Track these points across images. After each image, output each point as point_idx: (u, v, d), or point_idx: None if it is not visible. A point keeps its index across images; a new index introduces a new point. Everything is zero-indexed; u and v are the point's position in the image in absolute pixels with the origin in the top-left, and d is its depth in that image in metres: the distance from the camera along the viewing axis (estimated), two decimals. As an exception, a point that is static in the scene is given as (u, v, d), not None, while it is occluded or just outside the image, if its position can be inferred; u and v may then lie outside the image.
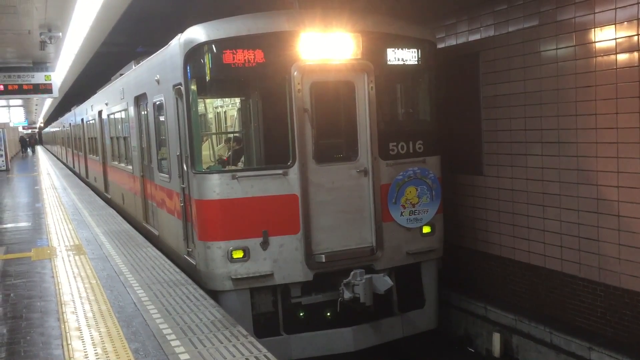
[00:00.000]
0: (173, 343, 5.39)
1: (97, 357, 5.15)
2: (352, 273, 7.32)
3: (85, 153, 22.46)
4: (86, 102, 21.15)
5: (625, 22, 6.66)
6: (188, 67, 7.37)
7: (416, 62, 8.08)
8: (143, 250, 9.50)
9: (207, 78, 7.40)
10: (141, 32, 16.75)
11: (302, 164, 7.38)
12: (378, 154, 7.72)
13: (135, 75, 11.27)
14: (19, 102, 32.18)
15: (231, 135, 8.17)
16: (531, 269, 8.27)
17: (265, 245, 7.29)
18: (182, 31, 7.66)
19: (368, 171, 7.69)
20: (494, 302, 8.82)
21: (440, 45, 9.40)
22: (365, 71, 7.65)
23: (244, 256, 7.25)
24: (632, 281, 6.86)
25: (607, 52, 6.89)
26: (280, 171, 7.33)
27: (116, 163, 14.67)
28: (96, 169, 19.07)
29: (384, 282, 7.37)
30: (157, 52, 9.11)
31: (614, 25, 6.79)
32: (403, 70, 8.09)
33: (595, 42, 7.04)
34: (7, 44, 14.10)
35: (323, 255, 7.46)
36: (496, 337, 8.36)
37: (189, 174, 7.59)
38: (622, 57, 6.72)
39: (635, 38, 6.56)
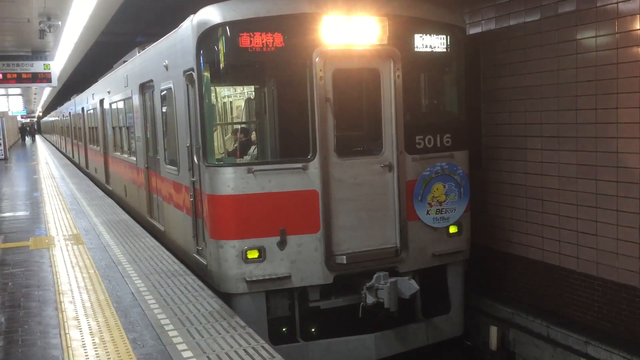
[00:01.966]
0: (171, 333, 5.40)
1: (95, 346, 5.16)
2: (375, 276, 6.84)
3: (86, 143, 22.12)
4: (87, 90, 20.79)
5: (628, 17, 6.63)
6: (201, 51, 6.84)
7: (445, 50, 7.57)
8: (141, 240, 9.50)
9: (222, 63, 6.80)
10: (141, 22, 16.71)
11: (323, 157, 6.87)
12: (404, 147, 7.24)
13: (141, 61, 10.73)
14: (17, 91, 32.11)
15: (238, 127, 7.76)
16: (530, 263, 8.28)
17: (282, 244, 6.80)
18: (184, 18, 7.36)
19: (393, 166, 7.21)
20: (491, 295, 8.80)
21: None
22: (392, 58, 7.14)
23: (259, 256, 6.74)
24: (629, 276, 6.86)
25: (608, 46, 6.86)
26: (299, 165, 6.81)
27: (118, 154, 14.22)
28: (97, 159, 18.74)
29: (410, 286, 6.97)
30: (166, 36, 8.54)
31: (615, 20, 6.77)
32: (431, 57, 7.57)
33: (596, 36, 7.01)
34: (6, 32, 14.04)
35: (344, 256, 6.94)
36: (493, 331, 8.37)
37: (201, 167, 7.07)
38: (623, 52, 6.69)
39: (637, 32, 6.54)
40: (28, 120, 79.16)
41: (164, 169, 9.30)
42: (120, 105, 13.35)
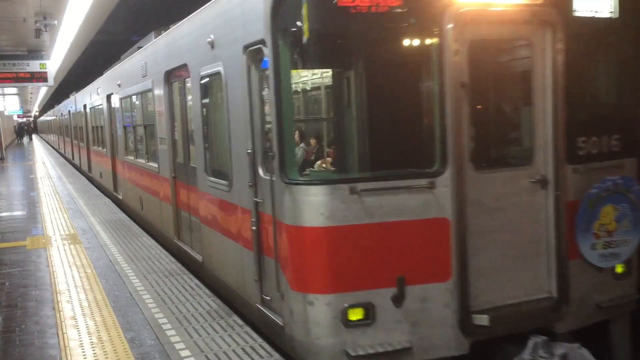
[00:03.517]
0: (168, 332, 5.40)
1: (93, 346, 5.16)
2: (531, 343, 4.71)
3: (88, 144, 19.79)
4: (90, 85, 18.48)
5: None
6: (278, 15, 4.66)
7: (611, 15, 5.31)
8: (139, 239, 9.50)
9: (311, 32, 4.48)
10: (137, 21, 16.72)
11: (457, 169, 4.70)
12: (564, 155, 5.08)
13: (168, 43, 8.42)
14: (13, 90, 32.13)
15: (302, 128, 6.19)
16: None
17: (399, 300, 4.67)
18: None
19: (548, 181, 5.06)
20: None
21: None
22: (550, 24, 4.94)
23: (366, 317, 4.61)
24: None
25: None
26: (424, 181, 4.66)
27: (132, 158, 11.93)
28: (102, 163, 16.40)
29: (582, 359, 4.75)
30: (212, 1, 6.43)
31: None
32: (596, 26, 5.29)
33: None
34: (2, 31, 14.07)
35: (486, 316, 4.79)
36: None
37: (274, 184, 4.93)
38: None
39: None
40: (25, 119, 79.11)
41: (203, 182, 7.03)
42: (136, 99, 11.23)
